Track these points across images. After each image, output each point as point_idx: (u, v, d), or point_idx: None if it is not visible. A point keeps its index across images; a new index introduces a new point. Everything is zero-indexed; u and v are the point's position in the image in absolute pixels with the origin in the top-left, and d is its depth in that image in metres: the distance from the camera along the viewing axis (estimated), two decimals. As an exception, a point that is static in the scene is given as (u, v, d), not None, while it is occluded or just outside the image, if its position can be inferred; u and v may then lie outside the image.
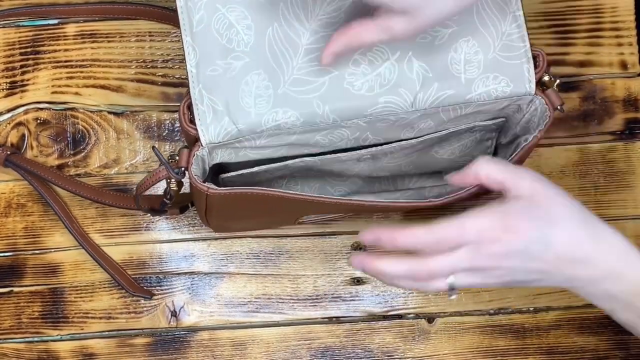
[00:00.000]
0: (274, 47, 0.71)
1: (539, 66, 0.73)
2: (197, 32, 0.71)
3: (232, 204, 0.76)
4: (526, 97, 0.73)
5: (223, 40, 0.71)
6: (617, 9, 0.92)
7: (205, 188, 0.72)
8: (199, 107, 0.71)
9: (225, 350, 0.91)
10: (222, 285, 0.91)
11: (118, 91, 0.91)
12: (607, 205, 0.92)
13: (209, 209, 0.77)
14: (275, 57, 0.71)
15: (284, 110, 0.71)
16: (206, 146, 0.71)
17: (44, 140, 0.91)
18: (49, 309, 0.90)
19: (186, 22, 0.71)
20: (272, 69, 0.71)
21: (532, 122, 0.75)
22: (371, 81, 0.71)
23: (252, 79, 0.71)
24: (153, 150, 0.73)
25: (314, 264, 0.91)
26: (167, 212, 0.83)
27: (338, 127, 0.72)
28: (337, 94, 0.71)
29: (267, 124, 0.71)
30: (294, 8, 0.71)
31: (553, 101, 0.73)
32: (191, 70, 0.71)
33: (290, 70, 0.71)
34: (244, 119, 0.71)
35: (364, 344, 0.91)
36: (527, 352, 0.91)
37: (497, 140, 0.82)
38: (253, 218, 0.85)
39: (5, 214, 0.91)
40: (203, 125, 0.71)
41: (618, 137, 0.92)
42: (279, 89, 0.71)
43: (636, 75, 0.93)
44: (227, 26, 0.71)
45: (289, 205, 0.76)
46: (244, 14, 0.71)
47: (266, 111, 0.71)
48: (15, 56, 0.91)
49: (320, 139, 0.74)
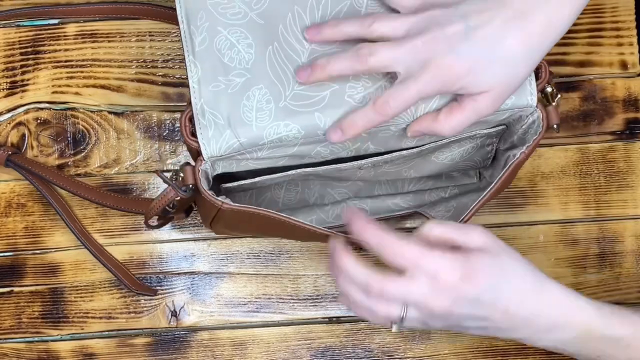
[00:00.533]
0: (274, 63, 0.72)
1: (541, 77, 0.73)
2: (199, 51, 0.72)
3: (240, 219, 0.76)
4: (527, 109, 0.73)
5: (225, 59, 0.72)
6: (617, 9, 0.93)
7: (220, 203, 0.72)
8: (201, 121, 0.71)
9: (225, 350, 0.91)
10: (222, 285, 0.91)
11: (118, 91, 0.92)
12: (607, 205, 0.92)
13: (217, 220, 0.77)
14: (276, 73, 0.72)
15: (285, 123, 0.71)
16: (208, 160, 0.71)
17: (44, 140, 0.91)
18: (49, 309, 0.90)
19: (188, 43, 0.72)
20: (273, 84, 0.71)
21: (527, 134, 0.75)
22: (372, 94, 0.71)
23: (253, 94, 0.71)
24: (158, 174, 0.73)
25: (314, 263, 0.91)
26: (174, 218, 0.83)
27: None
28: (337, 107, 0.71)
29: (268, 137, 0.71)
30: (292, 29, 0.72)
31: (551, 118, 0.73)
32: (193, 86, 0.72)
33: (291, 86, 0.71)
34: (245, 132, 0.71)
35: (364, 344, 0.91)
36: (527, 352, 0.91)
37: (497, 145, 0.82)
38: (259, 232, 0.85)
39: (5, 214, 0.91)
40: (205, 139, 0.71)
41: (618, 137, 0.92)
42: (280, 103, 0.71)
43: (636, 75, 0.93)
44: (229, 46, 0.72)
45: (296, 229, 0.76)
46: (245, 34, 0.72)
47: (267, 124, 0.71)
48: (15, 56, 0.91)
49: (321, 150, 0.74)
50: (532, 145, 0.74)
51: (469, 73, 0.67)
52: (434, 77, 0.68)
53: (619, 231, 0.92)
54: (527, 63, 0.69)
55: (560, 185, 0.92)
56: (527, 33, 0.67)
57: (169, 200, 0.74)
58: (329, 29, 0.71)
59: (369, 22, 0.70)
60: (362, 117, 0.70)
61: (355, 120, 0.70)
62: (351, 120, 0.70)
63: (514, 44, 0.67)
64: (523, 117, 0.74)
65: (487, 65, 0.67)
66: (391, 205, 0.88)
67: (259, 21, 0.72)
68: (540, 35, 0.68)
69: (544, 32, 0.68)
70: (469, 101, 0.69)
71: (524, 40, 0.67)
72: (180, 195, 0.73)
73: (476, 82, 0.68)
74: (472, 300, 0.69)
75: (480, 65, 0.67)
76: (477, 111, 0.70)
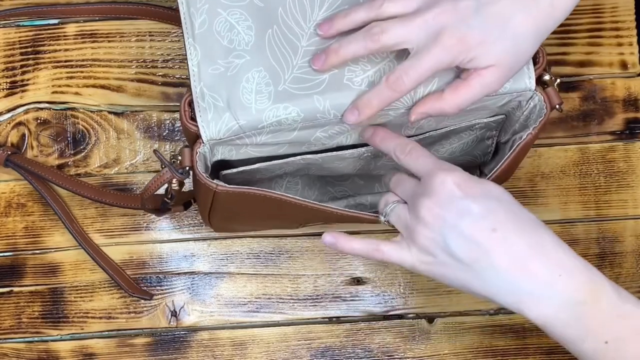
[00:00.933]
0: (274, 47, 0.72)
1: (539, 62, 0.73)
2: (199, 33, 0.72)
3: (236, 204, 0.76)
4: (526, 93, 0.73)
5: (224, 41, 0.72)
6: (617, 9, 0.93)
7: (214, 185, 0.72)
8: (200, 104, 0.71)
9: (225, 350, 0.91)
10: (222, 285, 0.91)
11: (118, 91, 0.92)
12: (607, 205, 0.92)
13: (214, 207, 0.77)
14: (275, 57, 0.72)
15: (285, 106, 0.71)
16: (207, 143, 0.71)
17: (44, 140, 0.91)
18: (49, 309, 0.90)
19: (188, 26, 0.72)
20: (272, 67, 0.72)
21: (530, 119, 0.75)
22: (371, 77, 0.72)
23: (252, 76, 0.71)
24: (154, 153, 0.73)
25: (314, 263, 0.91)
26: (171, 210, 0.83)
27: (338, 122, 0.73)
28: (336, 89, 0.71)
29: (267, 119, 0.71)
30: (292, 12, 0.72)
31: (552, 99, 0.73)
32: (193, 69, 0.72)
33: (290, 69, 0.72)
34: (244, 114, 0.71)
35: (364, 344, 0.91)
36: (527, 352, 0.91)
37: (497, 138, 0.82)
38: (256, 219, 0.85)
39: (5, 214, 0.91)
40: (204, 122, 0.71)
41: (618, 137, 0.92)
42: (280, 86, 0.71)
43: (636, 75, 0.93)
44: (229, 28, 0.72)
45: (292, 209, 0.76)
46: (244, 16, 0.72)
47: (267, 107, 0.71)
48: (15, 56, 0.91)
49: (320, 135, 0.74)
50: (539, 126, 0.74)
51: (480, 44, 0.68)
52: (446, 49, 0.68)
53: (618, 231, 0.92)
54: (533, 41, 0.70)
55: (560, 185, 0.92)
56: (534, 13, 0.68)
57: (165, 181, 0.74)
58: (340, 19, 0.71)
59: (378, 3, 0.70)
60: (377, 95, 0.70)
61: (370, 99, 0.70)
62: (366, 100, 0.70)
63: (523, 22, 0.68)
64: (522, 104, 0.74)
65: (498, 39, 0.68)
66: None
67: (258, 4, 0.73)
68: (547, 15, 0.69)
69: (549, 13, 0.69)
70: (475, 76, 0.70)
71: (531, 19, 0.68)
72: (176, 177, 0.73)
73: (486, 54, 0.68)
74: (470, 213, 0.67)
75: (491, 38, 0.68)
76: (484, 86, 0.70)
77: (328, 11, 0.73)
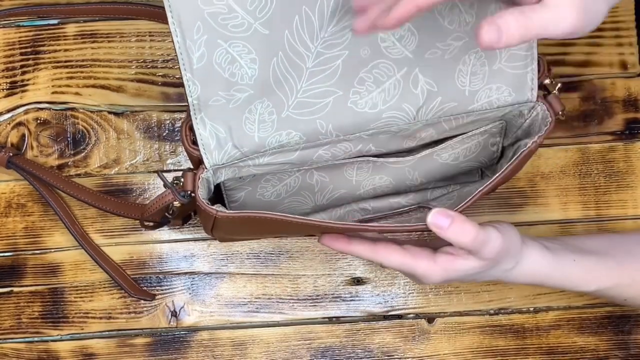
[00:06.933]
0: (278, 75, 0.70)
1: (540, 71, 0.73)
2: (198, 68, 0.68)
3: (238, 225, 0.75)
4: (528, 104, 0.73)
5: (226, 74, 0.69)
6: (617, 9, 0.93)
7: (214, 212, 0.71)
8: (202, 133, 0.70)
9: (225, 350, 0.91)
10: (222, 285, 0.91)
11: (118, 91, 0.91)
12: (607, 205, 0.92)
13: (216, 227, 0.77)
14: (280, 85, 0.70)
15: (287, 132, 0.71)
16: (210, 168, 0.71)
17: (44, 140, 0.91)
18: (49, 309, 0.90)
19: (185, 60, 0.68)
20: (276, 96, 0.70)
21: (533, 126, 0.75)
22: (375, 98, 0.71)
23: (255, 107, 0.70)
24: (158, 175, 0.73)
25: (314, 263, 0.91)
26: (170, 223, 0.83)
27: (341, 141, 0.73)
28: (340, 113, 0.71)
29: (270, 145, 0.71)
30: (299, 32, 0.69)
31: (555, 107, 0.73)
32: (192, 102, 0.69)
33: (294, 94, 0.70)
34: (247, 143, 0.71)
35: (364, 344, 0.91)
36: (527, 352, 0.91)
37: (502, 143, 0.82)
38: (259, 234, 0.85)
39: (5, 214, 0.91)
40: (207, 151, 0.70)
41: (618, 137, 0.92)
42: (283, 113, 0.71)
43: (636, 75, 0.93)
44: (230, 60, 0.68)
45: (296, 227, 0.76)
46: (248, 48, 0.68)
47: (269, 134, 0.71)
48: (15, 56, 0.91)
49: (322, 153, 0.74)
50: (544, 134, 0.73)
51: None
52: None
53: (618, 231, 0.92)
54: (606, 6, 0.65)
55: (560, 186, 0.92)
56: None
57: (166, 203, 0.74)
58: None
59: None
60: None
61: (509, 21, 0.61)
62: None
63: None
64: (524, 112, 0.74)
65: None
66: (394, 204, 0.88)
67: (263, 31, 0.68)
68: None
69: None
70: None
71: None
72: (178, 200, 0.73)
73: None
74: None
75: None
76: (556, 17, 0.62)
77: (337, 26, 0.69)
